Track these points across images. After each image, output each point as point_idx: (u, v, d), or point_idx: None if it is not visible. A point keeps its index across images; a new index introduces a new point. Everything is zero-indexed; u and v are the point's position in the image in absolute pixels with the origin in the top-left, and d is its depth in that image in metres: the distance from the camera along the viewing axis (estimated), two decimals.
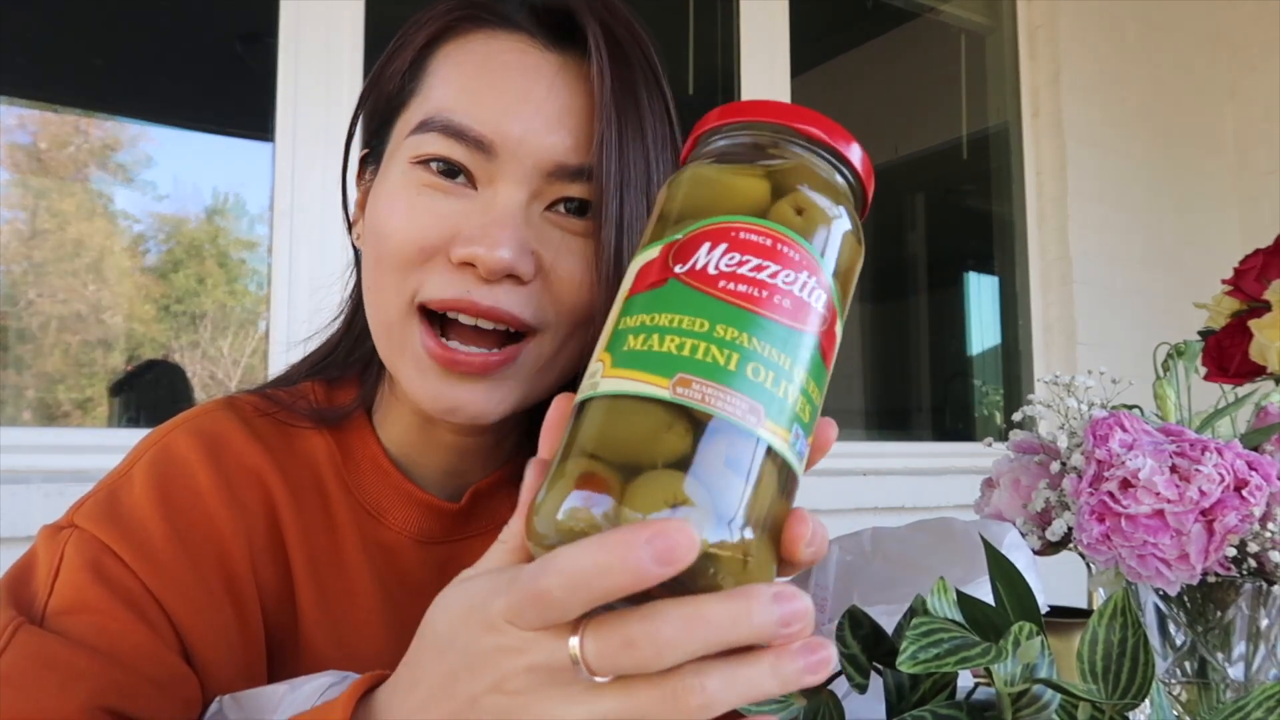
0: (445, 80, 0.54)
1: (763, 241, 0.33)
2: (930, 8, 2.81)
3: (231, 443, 0.58)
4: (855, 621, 0.47)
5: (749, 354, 0.32)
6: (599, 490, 0.30)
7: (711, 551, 0.30)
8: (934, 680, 0.45)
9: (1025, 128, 2.70)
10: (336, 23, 1.71)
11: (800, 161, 0.36)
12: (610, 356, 0.33)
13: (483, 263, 0.50)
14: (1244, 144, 2.98)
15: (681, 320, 0.32)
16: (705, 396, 0.31)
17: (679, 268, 0.33)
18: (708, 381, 0.31)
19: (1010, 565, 0.48)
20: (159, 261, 1.85)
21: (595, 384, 0.33)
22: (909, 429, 2.98)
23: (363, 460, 0.61)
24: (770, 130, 0.37)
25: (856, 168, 0.37)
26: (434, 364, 0.53)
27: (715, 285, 0.32)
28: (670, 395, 0.31)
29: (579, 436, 0.32)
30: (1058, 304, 2.63)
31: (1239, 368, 0.77)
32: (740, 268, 0.33)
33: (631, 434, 0.31)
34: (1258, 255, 0.79)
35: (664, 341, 0.32)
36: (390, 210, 0.53)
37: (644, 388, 0.31)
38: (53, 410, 1.66)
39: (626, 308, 0.34)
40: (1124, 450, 0.61)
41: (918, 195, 3.19)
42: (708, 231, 0.34)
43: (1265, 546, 0.60)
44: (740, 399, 0.31)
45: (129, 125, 1.83)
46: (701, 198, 0.35)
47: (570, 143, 0.53)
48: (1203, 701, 0.66)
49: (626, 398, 0.31)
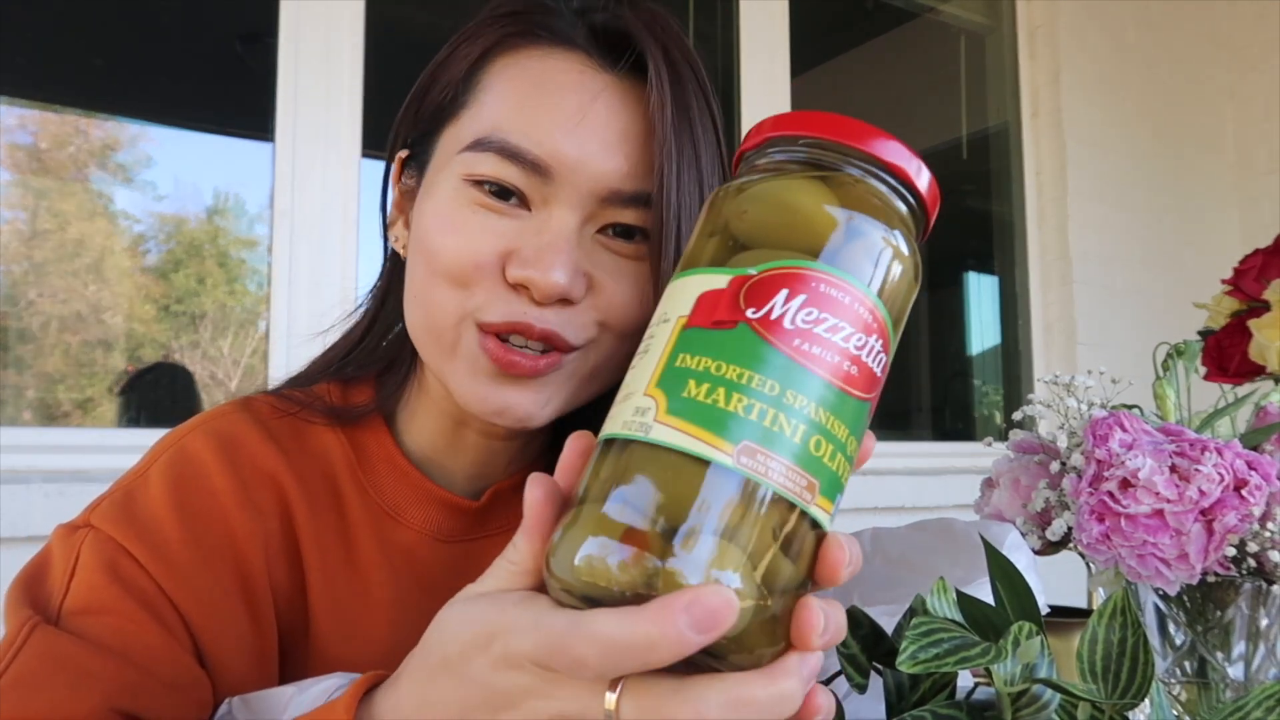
0: (500, 97, 0.53)
1: (841, 299, 0.31)
2: (930, 8, 2.81)
3: (247, 444, 0.58)
4: (855, 622, 0.47)
5: (816, 427, 0.30)
6: (642, 548, 0.29)
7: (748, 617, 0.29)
8: (934, 680, 0.46)
9: (1025, 128, 2.70)
10: (336, 23, 1.71)
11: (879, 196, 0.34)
12: (665, 398, 0.31)
13: (537, 287, 0.50)
14: (1244, 144, 2.98)
15: (753, 378, 0.30)
16: (769, 471, 0.30)
17: (752, 313, 0.31)
18: (772, 454, 0.30)
19: (1010, 565, 0.48)
20: (159, 261, 1.85)
21: (646, 425, 0.31)
22: (909, 429, 2.98)
23: (378, 460, 0.61)
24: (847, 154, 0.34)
25: (925, 199, 0.35)
26: (491, 365, 0.52)
27: (791, 344, 0.31)
28: (734, 464, 0.29)
29: (619, 480, 0.30)
30: (1058, 304, 2.63)
31: (1238, 367, 0.77)
32: (817, 326, 0.31)
33: (684, 495, 0.29)
34: (1257, 255, 0.79)
35: (730, 399, 0.30)
36: (442, 226, 0.53)
37: (706, 450, 0.29)
38: (53, 410, 1.66)
39: (686, 341, 0.31)
40: (1124, 450, 0.61)
41: None
42: (786, 276, 0.31)
43: (1265, 546, 0.60)
44: (801, 475, 0.30)
45: (129, 125, 1.83)
46: (773, 224, 0.33)
47: (626, 168, 0.52)
48: (1202, 701, 0.66)
49: (682, 454, 0.30)
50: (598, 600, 0.30)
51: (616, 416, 0.32)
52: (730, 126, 2.26)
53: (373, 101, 1.74)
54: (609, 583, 0.29)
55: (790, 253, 0.32)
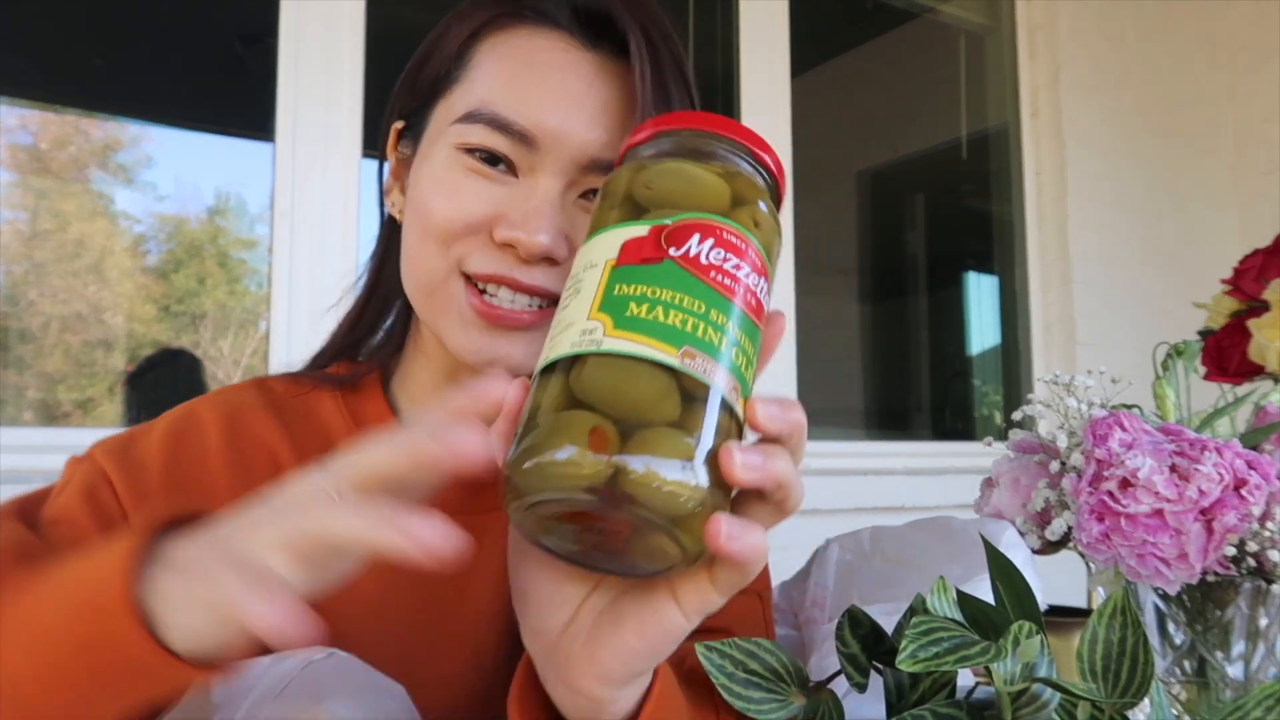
0: (490, 74, 0.57)
1: (738, 244, 0.38)
2: (930, 8, 2.81)
3: (249, 414, 0.62)
4: (855, 621, 0.48)
5: (734, 342, 0.37)
6: (603, 445, 0.33)
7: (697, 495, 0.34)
8: (934, 679, 0.46)
9: (1025, 128, 2.70)
10: (336, 23, 1.71)
11: (749, 174, 0.41)
12: (610, 319, 0.36)
13: (524, 246, 0.55)
14: (1244, 144, 2.98)
15: (683, 299, 0.36)
16: (706, 370, 0.35)
17: (674, 250, 0.37)
18: (707, 357, 0.35)
19: (1010, 564, 0.48)
20: (159, 262, 1.85)
21: (596, 341, 0.35)
22: (909, 429, 2.98)
23: (372, 423, 0.64)
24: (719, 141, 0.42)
25: (776, 173, 0.43)
26: (477, 319, 0.57)
27: (708, 275, 0.37)
28: (679, 364, 0.35)
29: (572, 391, 0.35)
30: (1057, 304, 2.63)
31: (1238, 367, 0.77)
32: (725, 263, 0.37)
33: (641, 393, 0.34)
34: (1257, 255, 0.79)
35: (669, 315, 0.35)
36: (436, 189, 0.57)
37: (654, 353, 0.35)
38: (53, 410, 1.66)
39: (619, 275, 0.37)
40: (1123, 450, 0.61)
41: (917, 195, 3.19)
42: (697, 225, 0.38)
43: (1264, 545, 0.60)
44: (727, 376, 0.36)
45: (130, 126, 1.83)
46: (678, 190, 0.39)
47: (606, 139, 0.56)
48: (1202, 700, 0.66)
49: (634, 359, 0.35)
50: (573, 500, 0.34)
51: (560, 342, 0.37)
52: None
53: (373, 101, 1.74)
54: (577, 482, 0.33)
55: (692, 210, 0.38)
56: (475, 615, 0.61)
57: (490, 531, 0.54)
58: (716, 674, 0.45)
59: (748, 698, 0.45)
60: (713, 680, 0.45)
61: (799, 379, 2.22)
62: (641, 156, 0.42)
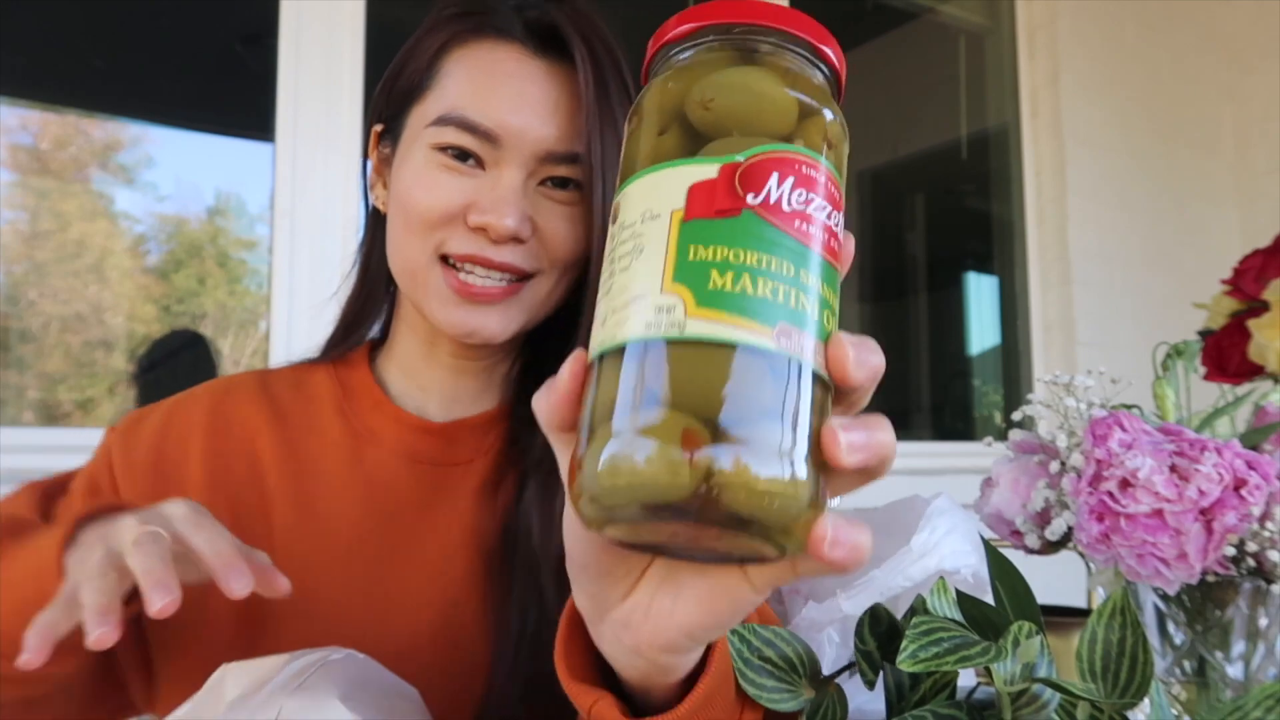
0: (458, 82, 0.66)
1: (815, 175, 0.33)
2: (930, 8, 2.81)
3: (236, 395, 0.73)
4: (875, 619, 0.48)
5: (824, 303, 0.32)
6: (698, 444, 0.29)
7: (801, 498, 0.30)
8: (934, 680, 0.46)
9: (1025, 128, 2.70)
10: (336, 23, 1.71)
11: (815, 78, 0.35)
12: (691, 293, 0.30)
13: (493, 229, 0.63)
14: (1243, 144, 2.98)
15: (771, 262, 0.31)
16: (802, 347, 0.31)
17: (752, 198, 0.32)
18: (800, 331, 0.31)
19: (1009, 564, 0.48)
20: (160, 262, 1.85)
21: (678, 323, 0.30)
22: (909, 429, 2.98)
23: (361, 393, 0.74)
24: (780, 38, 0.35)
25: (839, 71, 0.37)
26: (455, 296, 0.65)
27: (792, 225, 0.32)
28: (774, 346, 0.30)
29: (660, 382, 0.30)
30: (1058, 304, 2.63)
31: (1238, 367, 0.77)
32: (807, 206, 0.32)
33: (738, 388, 0.30)
34: (1257, 255, 0.79)
35: (759, 285, 0.30)
36: (415, 184, 0.66)
37: (748, 335, 0.30)
38: (54, 410, 1.66)
39: (691, 233, 0.31)
40: (1123, 450, 0.61)
41: (918, 195, 3.19)
42: (773, 160, 0.32)
43: (1264, 546, 0.60)
44: (819, 346, 0.31)
45: (130, 126, 1.83)
46: (745, 110, 0.33)
47: (558, 133, 0.65)
48: (1202, 701, 0.66)
49: (725, 346, 0.30)
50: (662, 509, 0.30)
51: (626, 320, 0.31)
52: None
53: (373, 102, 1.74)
54: (669, 494, 0.29)
55: (764, 138, 0.33)
56: (443, 548, 0.68)
57: (458, 483, 0.70)
58: (735, 658, 0.45)
59: (760, 684, 0.45)
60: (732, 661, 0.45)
61: None
62: (684, 60, 0.36)
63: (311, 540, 0.68)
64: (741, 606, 0.36)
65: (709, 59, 0.35)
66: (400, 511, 0.69)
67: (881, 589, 0.65)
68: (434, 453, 0.71)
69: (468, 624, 0.66)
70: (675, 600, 0.37)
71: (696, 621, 0.37)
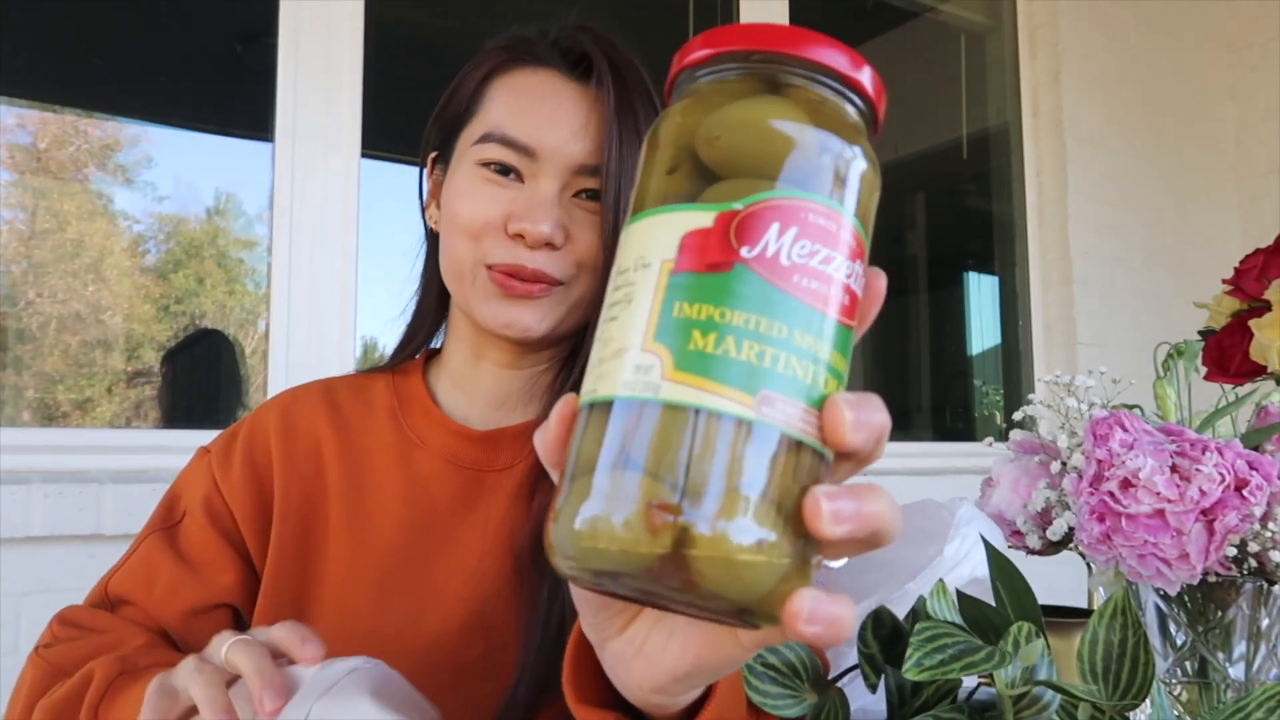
0: (499, 104, 0.74)
1: (829, 227, 0.30)
2: (930, 8, 2.81)
3: (301, 404, 0.81)
4: (878, 621, 0.47)
5: (824, 365, 0.30)
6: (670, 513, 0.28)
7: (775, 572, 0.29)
8: (938, 685, 0.45)
9: (1025, 127, 2.70)
10: (336, 23, 1.71)
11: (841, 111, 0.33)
12: (669, 353, 0.29)
13: (530, 234, 0.70)
14: (1244, 144, 2.98)
15: (760, 323, 0.29)
16: (789, 418, 0.29)
17: (746, 251, 0.29)
18: (789, 400, 0.29)
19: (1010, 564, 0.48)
20: (159, 262, 1.85)
21: (653, 385, 0.29)
22: (909, 429, 2.98)
23: (414, 401, 0.81)
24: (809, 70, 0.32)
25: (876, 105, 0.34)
26: (498, 290, 0.72)
27: (791, 281, 0.29)
28: (755, 416, 0.28)
29: (633, 445, 0.29)
30: (1058, 304, 2.63)
31: (1239, 367, 0.77)
32: (812, 259, 0.30)
33: (711, 457, 0.28)
34: (1258, 255, 0.79)
35: (742, 348, 0.29)
36: (460, 196, 0.73)
37: (724, 404, 0.28)
38: (52, 410, 1.66)
39: (678, 288, 0.30)
40: (1124, 450, 0.61)
41: (918, 195, 3.19)
42: (775, 208, 0.30)
43: (1265, 546, 0.60)
44: (815, 415, 0.30)
45: (129, 125, 1.83)
46: (750, 151, 0.31)
47: (590, 148, 0.72)
48: (1203, 701, 0.66)
49: (697, 411, 0.28)
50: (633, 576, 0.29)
51: (610, 375, 0.30)
52: None
53: (373, 101, 1.73)
54: (634, 563, 0.28)
55: (771, 181, 0.30)
56: (479, 547, 0.73)
57: (496, 487, 0.75)
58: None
59: (764, 691, 0.45)
60: None
61: None
62: (701, 87, 0.33)
63: (360, 534, 0.75)
64: (729, 662, 0.36)
65: (726, 89, 0.32)
66: (441, 511, 0.75)
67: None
68: (475, 458, 0.77)
69: (498, 619, 0.71)
70: (668, 643, 0.36)
71: (684, 668, 0.36)
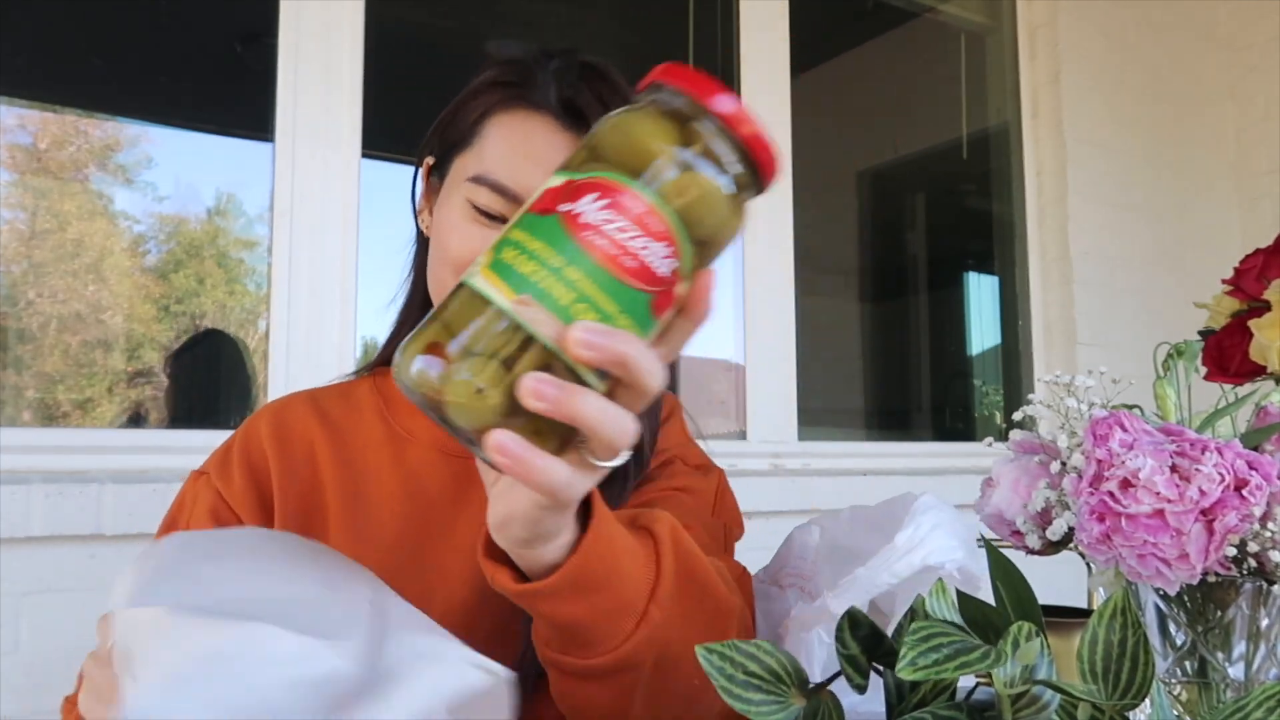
0: (495, 144, 0.75)
1: (636, 209, 0.41)
2: (930, 8, 2.81)
3: (291, 406, 0.85)
4: (855, 622, 0.47)
5: (585, 297, 0.40)
6: (440, 357, 0.41)
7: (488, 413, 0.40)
8: (934, 682, 0.45)
9: (1025, 128, 2.70)
10: (336, 23, 1.71)
11: (705, 142, 0.43)
12: (490, 257, 0.42)
13: None
14: (1244, 144, 2.98)
15: (545, 252, 0.40)
16: (534, 319, 0.40)
17: (564, 206, 0.41)
18: (541, 308, 0.40)
19: (1010, 564, 0.48)
20: (159, 262, 1.85)
21: (473, 274, 0.42)
22: (909, 429, 2.98)
23: (398, 399, 0.84)
24: (692, 103, 0.43)
25: (754, 150, 0.43)
26: None
27: (582, 234, 0.40)
28: (510, 307, 0.40)
29: (445, 308, 0.42)
30: (1058, 304, 2.63)
31: (1239, 367, 0.77)
32: (606, 225, 0.40)
33: (475, 325, 0.41)
34: (1258, 255, 0.79)
35: (525, 265, 0.40)
36: (451, 230, 0.76)
37: (496, 295, 0.40)
38: (52, 410, 1.66)
39: (520, 222, 0.42)
40: (1124, 450, 0.61)
41: (918, 195, 3.19)
42: (600, 184, 0.41)
43: (1265, 546, 0.60)
44: (557, 324, 0.40)
45: (129, 126, 1.83)
46: (614, 146, 0.43)
47: None
48: (1203, 701, 0.66)
49: (481, 296, 0.41)
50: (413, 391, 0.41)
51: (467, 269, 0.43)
52: None
53: (373, 101, 1.73)
54: (404, 377, 0.41)
55: (616, 169, 0.42)
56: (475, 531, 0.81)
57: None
58: (717, 675, 0.45)
59: (748, 699, 0.45)
60: (713, 682, 0.45)
61: (799, 379, 2.22)
62: (630, 103, 0.45)
63: (360, 530, 0.79)
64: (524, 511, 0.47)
65: (642, 104, 0.45)
66: (437, 500, 0.79)
67: (867, 586, 0.66)
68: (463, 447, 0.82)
69: (500, 599, 0.72)
70: (501, 493, 0.49)
71: (500, 514, 0.49)
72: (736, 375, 2.19)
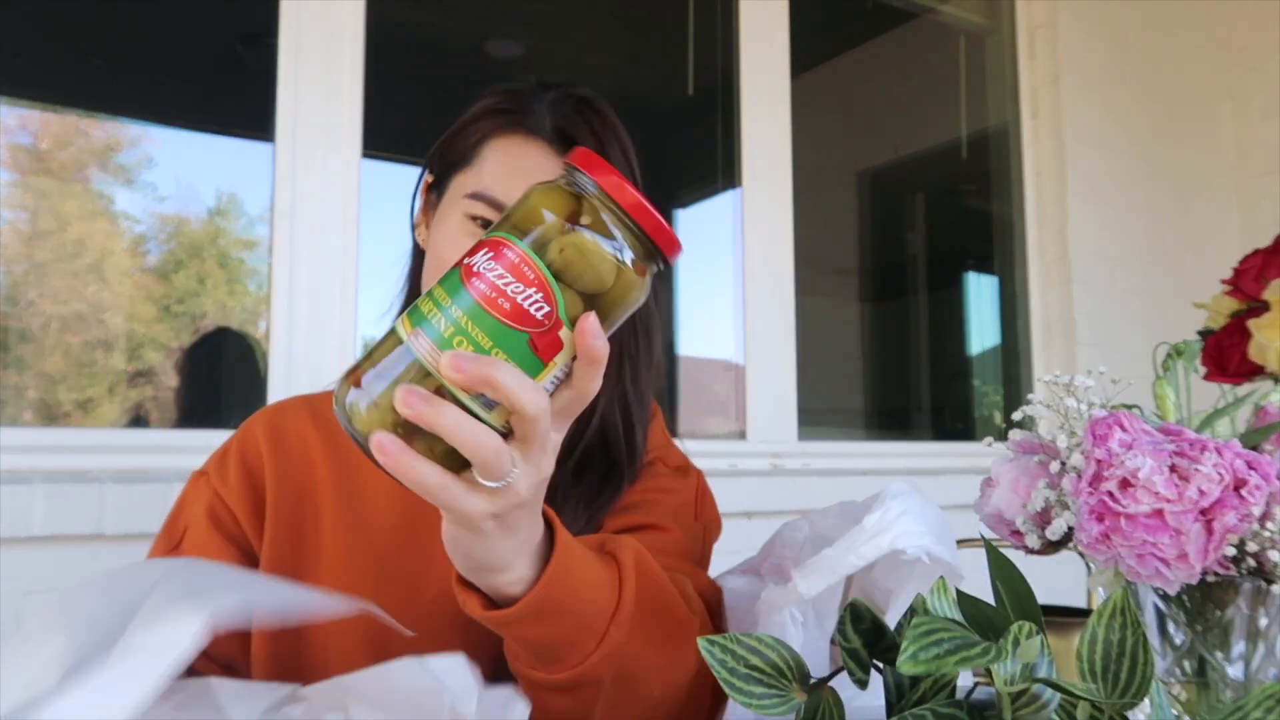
0: (493, 165, 0.81)
1: (514, 260, 0.48)
2: (930, 8, 2.81)
3: (286, 411, 0.89)
4: (856, 615, 0.48)
5: (462, 330, 0.47)
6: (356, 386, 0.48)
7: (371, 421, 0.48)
8: (934, 680, 0.46)
9: (1025, 128, 2.70)
10: (336, 23, 1.71)
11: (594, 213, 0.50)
12: (412, 310, 0.49)
13: None
14: (1244, 144, 2.98)
15: (441, 296, 0.48)
16: (420, 347, 0.47)
17: (466, 259, 0.49)
18: (426, 336, 0.47)
19: (1010, 564, 0.48)
20: (160, 262, 1.85)
21: (398, 320, 0.49)
22: (909, 429, 2.98)
23: None
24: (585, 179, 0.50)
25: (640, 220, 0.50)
26: None
27: (470, 281, 0.48)
28: (407, 339, 0.48)
29: (372, 347, 0.49)
30: (1058, 304, 2.63)
31: (1238, 367, 0.77)
32: (489, 272, 0.48)
33: (385, 358, 0.48)
34: (1257, 255, 0.79)
35: (425, 305, 0.48)
36: (446, 241, 0.80)
37: (401, 330, 0.48)
38: (53, 410, 1.66)
39: (446, 274, 0.50)
40: (1123, 450, 0.61)
41: (918, 195, 3.19)
42: (493, 242, 0.49)
43: (1264, 546, 0.60)
44: (435, 350, 0.46)
45: (130, 126, 1.83)
46: (518, 212, 0.50)
47: None
48: (1202, 701, 0.66)
49: (395, 334, 0.48)
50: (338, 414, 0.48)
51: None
52: (731, 127, 2.26)
53: (373, 101, 1.74)
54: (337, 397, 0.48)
55: (511, 230, 0.49)
56: None
57: None
58: (719, 668, 0.45)
59: (749, 693, 0.45)
60: (715, 675, 0.46)
61: (799, 379, 2.22)
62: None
63: (353, 533, 0.82)
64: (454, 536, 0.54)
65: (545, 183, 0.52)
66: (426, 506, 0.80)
67: (834, 567, 0.66)
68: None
69: None
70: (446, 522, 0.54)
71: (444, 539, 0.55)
72: (736, 375, 2.19)
